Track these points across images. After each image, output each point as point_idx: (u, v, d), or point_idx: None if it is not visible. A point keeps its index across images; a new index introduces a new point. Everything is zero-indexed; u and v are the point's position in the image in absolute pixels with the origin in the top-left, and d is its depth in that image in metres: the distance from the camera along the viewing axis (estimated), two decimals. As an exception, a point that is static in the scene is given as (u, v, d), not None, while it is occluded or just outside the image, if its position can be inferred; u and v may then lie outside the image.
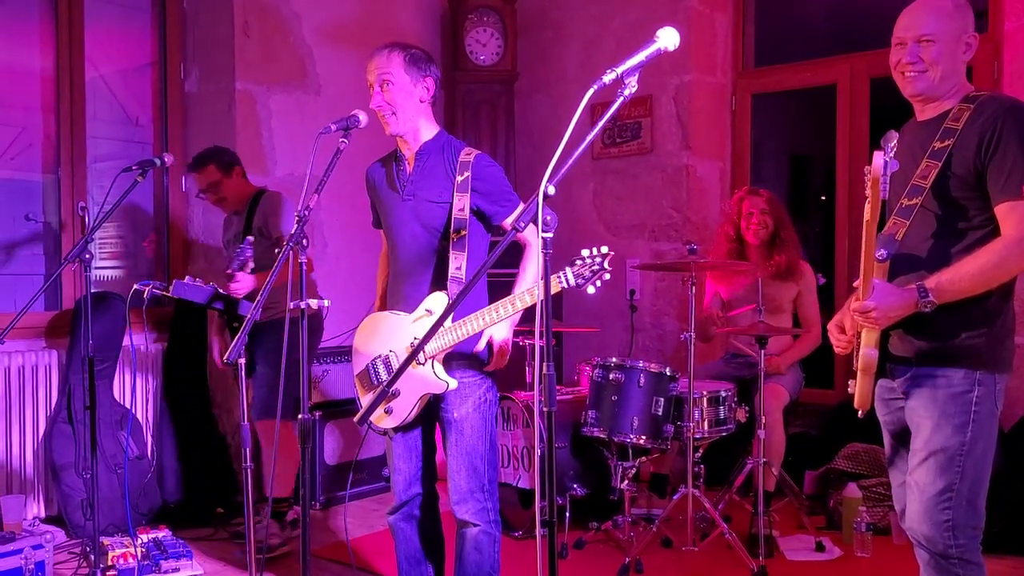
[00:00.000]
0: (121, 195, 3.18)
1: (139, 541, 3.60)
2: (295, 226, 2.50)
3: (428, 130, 2.80)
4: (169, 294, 3.51)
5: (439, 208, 2.72)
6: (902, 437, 2.37)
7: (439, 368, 2.63)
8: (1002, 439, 4.08)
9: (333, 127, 2.67)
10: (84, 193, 4.44)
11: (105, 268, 4.77)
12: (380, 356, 2.72)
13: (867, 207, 2.16)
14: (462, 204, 2.68)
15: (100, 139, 4.60)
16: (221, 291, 3.67)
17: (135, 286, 3.32)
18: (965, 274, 2.13)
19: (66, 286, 4.38)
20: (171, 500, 4.37)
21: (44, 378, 4.14)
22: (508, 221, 2.74)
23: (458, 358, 2.68)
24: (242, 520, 3.97)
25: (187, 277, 3.82)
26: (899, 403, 2.33)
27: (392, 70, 2.73)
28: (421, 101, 2.77)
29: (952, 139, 2.19)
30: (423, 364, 2.60)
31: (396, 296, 2.81)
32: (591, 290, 2.38)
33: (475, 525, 2.73)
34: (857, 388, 2.32)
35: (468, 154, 2.74)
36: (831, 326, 2.45)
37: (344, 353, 4.78)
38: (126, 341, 4.20)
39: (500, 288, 2.91)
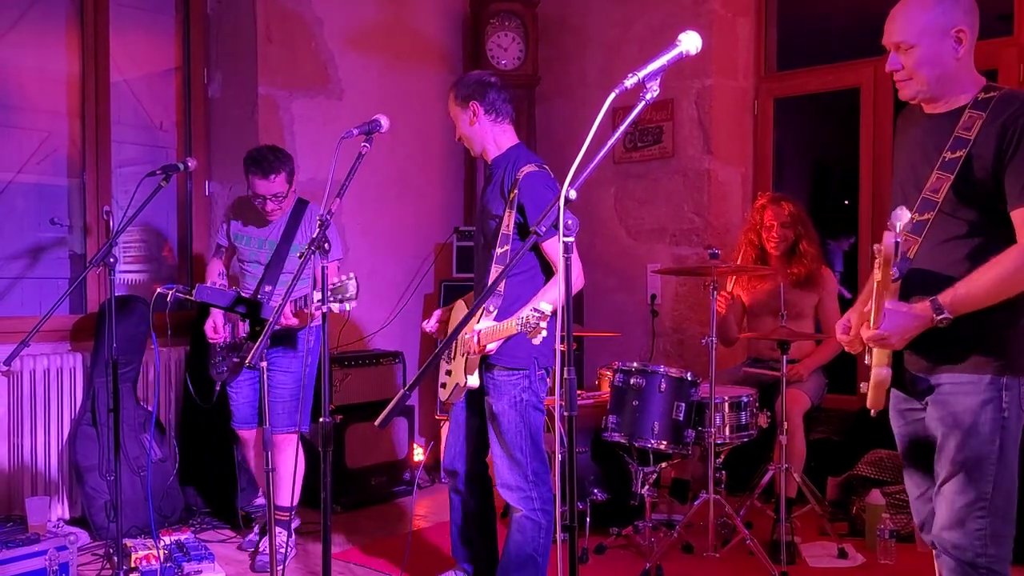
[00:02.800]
0: (145, 199, 3.21)
1: (162, 543, 3.62)
2: (317, 230, 2.52)
3: (498, 146, 3.05)
4: (192, 298, 3.54)
5: (494, 221, 2.97)
6: (920, 449, 2.31)
7: (468, 364, 2.90)
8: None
9: (355, 131, 2.70)
10: (109, 197, 4.48)
11: (129, 272, 4.81)
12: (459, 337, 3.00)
13: (876, 272, 2.08)
14: (508, 220, 2.91)
15: (124, 144, 4.65)
16: (243, 294, 3.70)
17: (158, 290, 3.35)
18: (981, 286, 2.06)
19: (91, 290, 4.42)
20: (194, 503, 4.41)
21: (69, 381, 4.18)
22: (546, 243, 2.88)
23: (495, 359, 2.94)
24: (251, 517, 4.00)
25: (209, 281, 3.87)
26: (917, 414, 2.28)
27: (450, 108, 3.07)
28: (471, 124, 3.02)
29: (964, 149, 2.12)
30: (461, 357, 2.93)
31: (475, 288, 3.18)
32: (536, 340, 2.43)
33: (518, 510, 2.98)
34: (870, 394, 2.29)
35: (522, 172, 2.92)
36: (838, 326, 2.39)
37: (365, 357, 4.79)
38: (149, 344, 4.23)
39: (463, 293, 3.35)
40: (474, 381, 2.92)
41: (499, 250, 2.90)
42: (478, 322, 2.85)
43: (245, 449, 4.00)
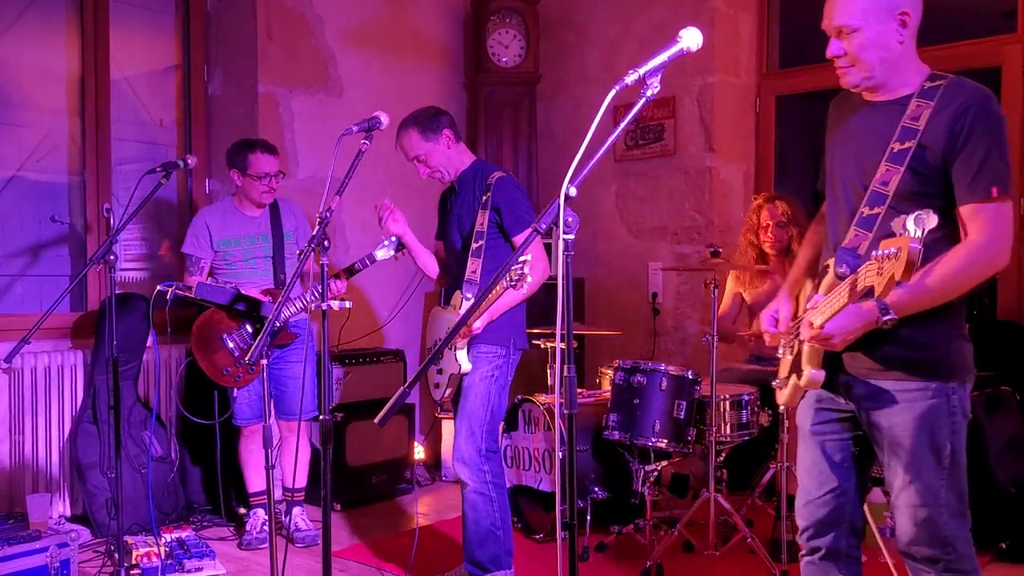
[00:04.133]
0: (145, 197, 3.21)
1: (163, 540, 3.62)
2: (317, 227, 2.51)
3: (463, 163, 3.28)
4: (192, 295, 3.55)
5: (468, 224, 3.20)
6: (834, 450, 2.23)
7: (461, 353, 3.11)
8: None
9: (355, 129, 2.70)
10: (109, 195, 4.48)
11: (130, 270, 4.81)
12: (438, 341, 3.24)
13: (831, 274, 2.03)
14: (482, 220, 3.17)
15: (125, 141, 4.64)
16: (243, 292, 3.70)
17: (158, 287, 3.35)
18: (928, 286, 1.96)
19: (91, 287, 4.42)
20: (194, 500, 4.41)
21: (70, 378, 4.17)
22: (519, 237, 3.17)
23: (479, 340, 3.15)
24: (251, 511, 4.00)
25: (209, 279, 3.87)
26: (842, 414, 2.20)
27: (416, 148, 3.21)
28: (448, 149, 3.22)
29: (914, 140, 2.01)
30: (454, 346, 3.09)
31: (444, 293, 3.39)
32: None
33: (468, 485, 3.14)
34: (791, 394, 2.24)
35: (493, 176, 3.20)
36: (765, 316, 2.32)
37: (366, 355, 4.79)
38: (150, 342, 4.23)
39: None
40: (468, 365, 3.13)
41: (474, 245, 3.15)
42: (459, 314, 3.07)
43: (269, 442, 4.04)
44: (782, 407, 2.26)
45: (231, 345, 3.81)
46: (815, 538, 2.29)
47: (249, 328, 3.81)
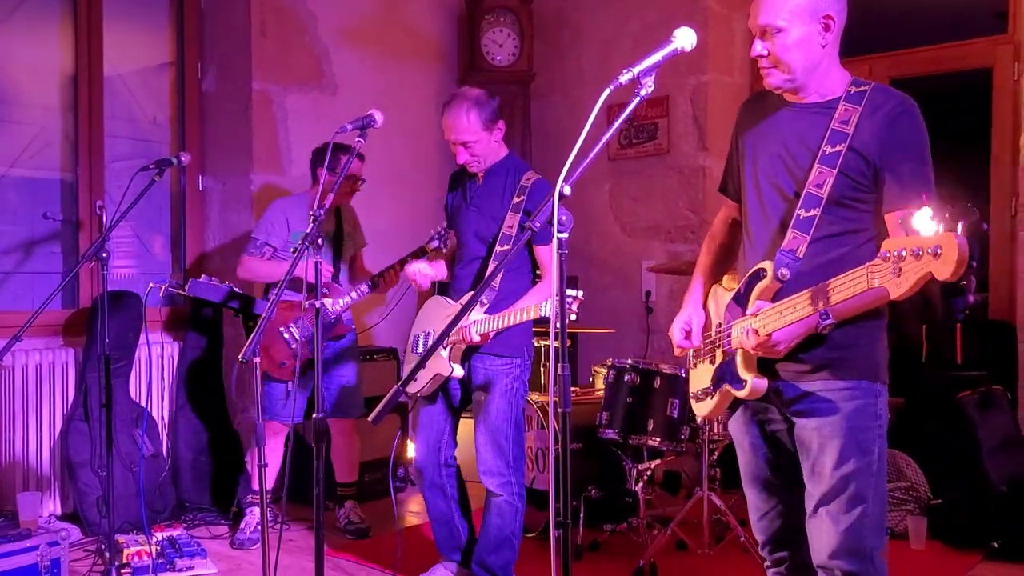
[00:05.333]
0: (138, 194, 3.20)
1: (154, 539, 3.61)
2: (310, 225, 2.51)
3: (498, 154, 3.16)
4: (185, 293, 3.54)
5: (494, 223, 3.09)
6: (774, 461, 2.19)
7: (453, 353, 3.06)
8: (1022, 443, 4.04)
9: (349, 127, 2.69)
10: (102, 192, 4.46)
11: (122, 267, 4.79)
12: (424, 332, 3.17)
13: (773, 281, 2.00)
14: (512, 222, 3.05)
15: (118, 138, 4.63)
16: (236, 289, 3.69)
17: (151, 285, 3.34)
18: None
19: (83, 285, 4.40)
20: (186, 498, 4.39)
21: (61, 376, 4.16)
22: (544, 249, 3.09)
23: (487, 347, 3.07)
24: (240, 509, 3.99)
25: (203, 276, 3.86)
26: (776, 425, 2.16)
27: (470, 132, 3.06)
28: (496, 141, 3.13)
29: (844, 144, 1.99)
30: (450, 347, 3.03)
31: (451, 286, 3.27)
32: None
33: (499, 495, 3.13)
34: (715, 405, 2.18)
35: (528, 179, 3.10)
36: (676, 329, 2.26)
37: (360, 354, 4.77)
38: (142, 339, 4.22)
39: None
40: (460, 371, 3.08)
41: (499, 248, 3.05)
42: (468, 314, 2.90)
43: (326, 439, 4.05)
44: (702, 419, 2.19)
45: (287, 337, 3.82)
46: (778, 550, 2.25)
47: (307, 322, 3.80)
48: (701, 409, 2.26)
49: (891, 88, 2.09)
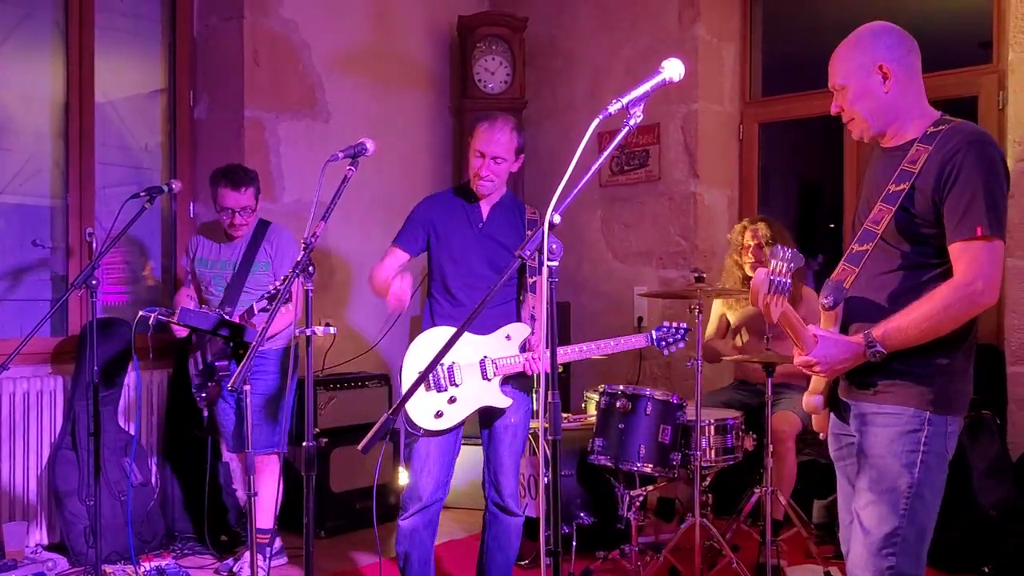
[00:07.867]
0: (129, 221, 3.20)
1: (142, 569, 3.57)
2: (302, 253, 2.51)
3: (503, 186, 3.21)
4: (175, 321, 3.51)
5: (509, 254, 3.15)
6: (853, 475, 2.27)
7: (496, 382, 3.10)
8: (1011, 468, 4.04)
9: (341, 155, 2.69)
10: (92, 219, 4.45)
11: (112, 294, 4.77)
12: (449, 364, 3.09)
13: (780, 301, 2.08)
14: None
15: (109, 165, 4.62)
16: (227, 317, 3.67)
17: (140, 312, 3.32)
18: (911, 321, 2.03)
19: (72, 312, 4.38)
20: (175, 528, 4.35)
21: (49, 404, 4.13)
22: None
23: (515, 376, 3.15)
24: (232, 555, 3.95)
25: (192, 304, 3.85)
26: (849, 439, 2.26)
27: (506, 149, 3.08)
28: (512, 172, 3.17)
29: (908, 182, 2.10)
30: (490, 380, 3.08)
31: (449, 315, 3.18)
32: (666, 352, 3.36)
33: (517, 515, 3.24)
34: (814, 420, 2.37)
35: (532, 213, 3.24)
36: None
37: (350, 380, 4.76)
38: (130, 367, 4.19)
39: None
40: (510, 400, 3.13)
41: (530, 280, 3.20)
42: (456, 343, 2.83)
43: (233, 473, 3.98)
44: (821, 435, 2.36)
45: (191, 364, 3.83)
46: None
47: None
48: (814, 423, 2.45)
49: (968, 125, 2.15)
